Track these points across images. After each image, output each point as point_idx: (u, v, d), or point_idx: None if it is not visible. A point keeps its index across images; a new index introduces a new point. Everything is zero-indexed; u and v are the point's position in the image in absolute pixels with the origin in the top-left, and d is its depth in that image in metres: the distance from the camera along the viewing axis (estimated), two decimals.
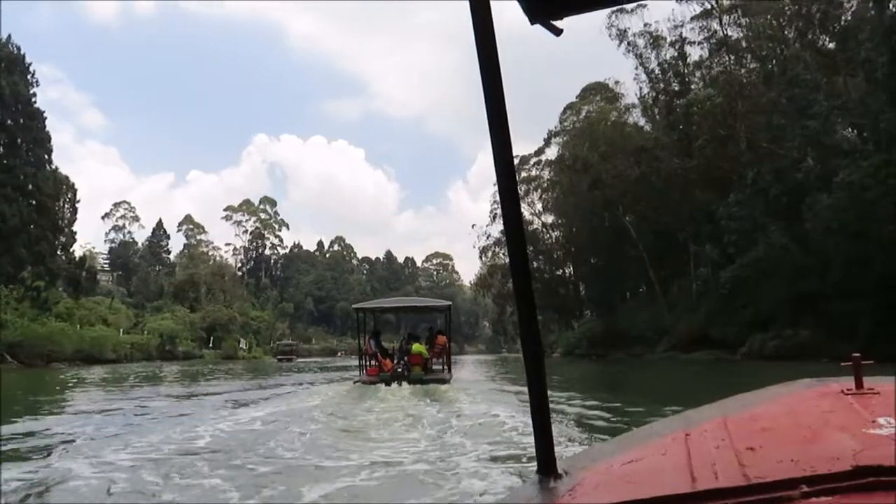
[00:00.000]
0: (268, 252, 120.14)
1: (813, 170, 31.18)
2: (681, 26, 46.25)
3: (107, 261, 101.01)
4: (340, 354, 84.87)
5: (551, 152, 63.11)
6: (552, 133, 61.36)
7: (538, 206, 68.54)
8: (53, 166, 56.55)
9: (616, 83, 54.88)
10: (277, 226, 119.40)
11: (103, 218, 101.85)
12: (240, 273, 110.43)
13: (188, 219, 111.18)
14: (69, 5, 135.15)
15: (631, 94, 53.31)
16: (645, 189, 44.52)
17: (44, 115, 54.31)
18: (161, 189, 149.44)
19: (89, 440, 8.02)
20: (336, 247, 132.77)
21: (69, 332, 41.31)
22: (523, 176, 67.82)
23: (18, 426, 9.32)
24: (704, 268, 40.26)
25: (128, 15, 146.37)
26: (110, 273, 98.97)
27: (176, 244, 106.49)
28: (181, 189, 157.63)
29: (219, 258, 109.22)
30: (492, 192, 71.57)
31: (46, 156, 55.16)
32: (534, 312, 1.32)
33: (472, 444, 7.32)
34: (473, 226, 72.30)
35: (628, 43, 47.71)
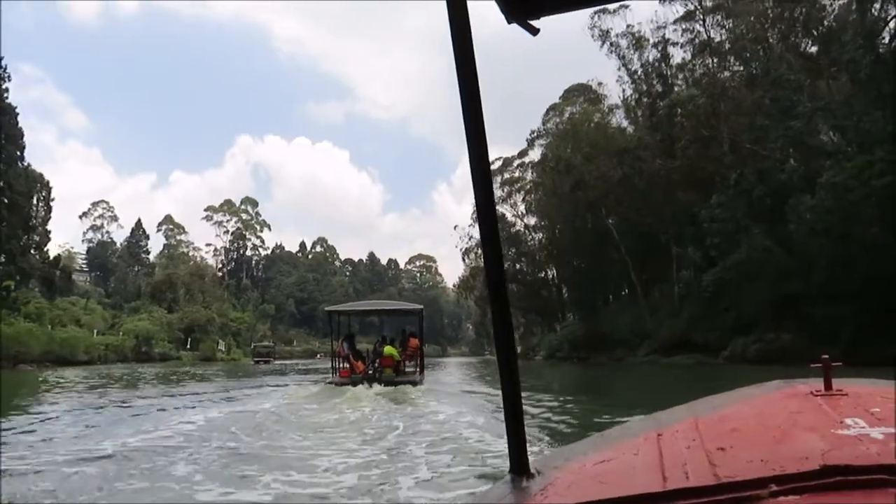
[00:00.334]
0: (249, 253, 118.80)
1: (796, 171, 30.89)
2: (664, 28, 46.08)
3: (85, 261, 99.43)
4: (320, 356, 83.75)
5: (535, 154, 62.82)
6: (535, 133, 60.96)
7: (521, 208, 68.25)
8: (26, 163, 55.38)
9: (599, 84, 54.67)
10: (259, 226, 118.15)
11: (81, 217, 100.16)
12: (220, 274, 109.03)
13: (168, 219, 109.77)
14: (49, 4, 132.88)
15: (614, 96, 53.13)
16: (628, 190, 44.13)
17: (16, 111, 53.16)
18: (143, 190, 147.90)
19: None
20: (319, 248, 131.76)
21: (37, 333, 40.14)
22: (506, 177, 67.42)
23: None
24: (687, 270, 39.84)
25: (109, 15, 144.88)
26: (88, 273, 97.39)
27: (156, 245, 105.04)
28: (163, 190, 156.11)
29: (199, 259, 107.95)
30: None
31: (18, 152, 53.92)
32: (507, 315, 1.33)
33: (430, 446, 7.17)
34: (456, 227, 71.85)
35: (611, 44, 47.43)
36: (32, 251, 61.75)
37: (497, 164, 68.90)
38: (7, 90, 52.94)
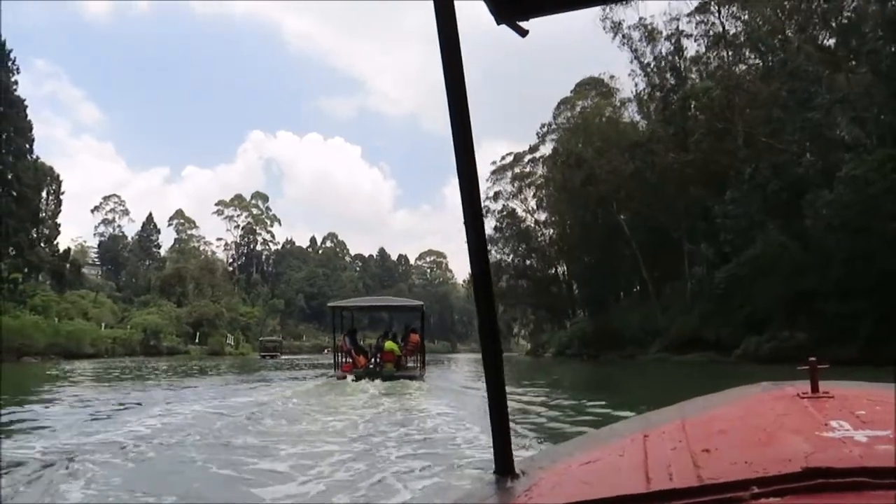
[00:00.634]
0: (259, 248, 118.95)
1: (813, 165, 30.02)
2: (677, 19, 45.12)
3: (97, 255, 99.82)
4: (327, 351, 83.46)
5: (546, 149, 62.06)
6: (546, 127, 60.10)
7: (532, 204, 67.53)
8: (35, 156, 55.23)
9: (611, 78, 53.77)
10: (269, 221, 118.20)
11: (93, 211, 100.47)
12: (230, 269, 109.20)
13: (179, 213, 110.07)
14: (62, 4, 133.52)
15: (626, 90, 52.22)
16: (639, 185, 43.31)
17: (24, 104, 52.99)
18: (156, 184, 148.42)
19: None
20: (329, 243, 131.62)
21: (43, 326, 39.96)
22: (516, 172, 66.78)
23: None
24: (699, 267, 39.05)
25: (122, 11, 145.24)
26: (100, 267, 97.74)
27: (167, 239, 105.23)
28: (176, 184, 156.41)
29: (209, 253, 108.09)
30: (484, 189, 70.44)
31: (27, 145, 53.81)
32: (493, 315, 1.33)
33: (416, 442, 7.10)
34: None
35: (623, 36, 46.48)
36: (42, 244, 61.85)
37: (508, 160, 68.45)
38: (16, 83, 52.97)
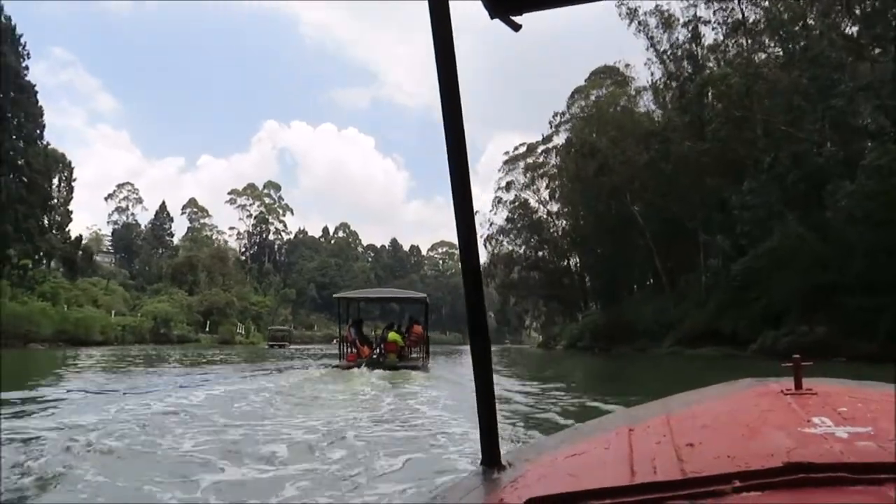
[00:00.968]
0: (272, 237, 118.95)
1: (835, 154, 29.02)
2: (695, 6, 43.93)
3: (111, 243, 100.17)
4: (335, 341, 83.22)
5: (559, 140, 61.12)
6: (559, 116, 59.11)
7: (544, 195, 66.70)
8: (45, 142, 55.07)
9: (626, 66, 52.71)
10: (282, 210, 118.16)
11: (106, 199, 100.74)
12: (243, 258, 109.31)
13: (192, 202, 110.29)
14: None
15: (642, 79, 51.15)
16: (654, 175, 42.32)
17: (35, 89, 52.78)
18: (171, 173, 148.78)
19: None
20: (341, 233, 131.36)
21: (50, 313, 39.77)
22: (529, 163, 65.95)
23: None
24: (715, 259, 38.12)
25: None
26: (113, 255, 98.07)
27: (180, 228, 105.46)
28: (191, 174, 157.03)
29: (222, 242, 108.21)
30: (496, 180, 69.77)
31: (38, 131, 53.64)
32: (482, 307, 1.34)
33: (408, 431, 7.12)
34: (476, 212, 70.03)
35: (639, 22, 45.42)
36: (53, 231, 61.88)
37: (521, 150, 67.62)
38: (27, 69, 52.81)
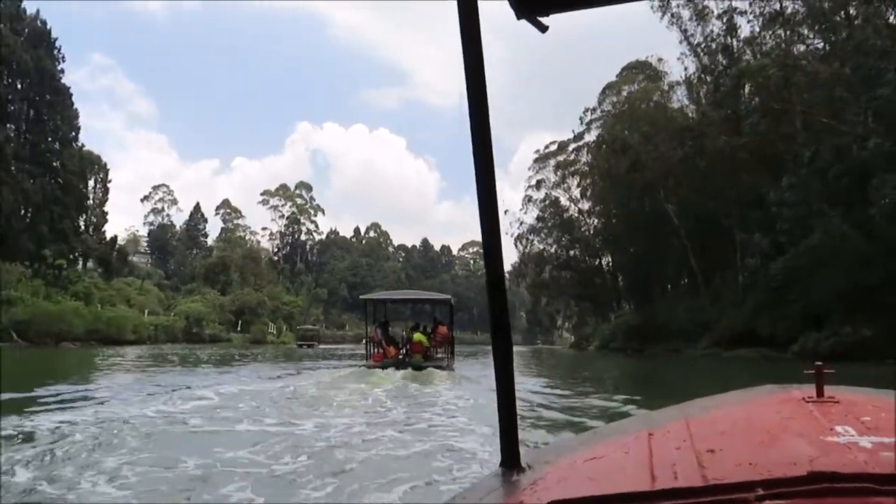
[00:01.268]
0: (304, 237, 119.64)
1: (880, 147, 27.66)
2: None
3: (148, 244, 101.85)
4: (364, 342, 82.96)
5: (590, 137, 59.95)
6: (590, 112, 57.85)
7: (575, 192, 65.58)
8: (80, 144, 55.91)
9: (659, 61, 51.45)
10: (313, 211, 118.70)
11: (142, 201, 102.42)
12: (275, 258, 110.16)
13: (226, 203, 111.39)
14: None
15: (675, 73, 49.82)
16: (688, 171, 41.10)
17: (70, 92, 53.64)
18: (206, 175, 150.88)
19: None
20: (372, 233, 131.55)
21: (82, 312, 40.18)
22: (560, 160, 64.91)
23: None
24: (752, 257, 36.82)
25: (175, 6, 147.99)
26: (150, 255, 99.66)
27: (214, 228, 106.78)
28: (225, 175, 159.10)
29: (254, 242, 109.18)
30: (526, 178, 68.89)
31: (73, 133, 54.50)
32: (505, 309, 1.33)
33: (426, 432, 7.11)
34: (506, 212, 69.65)
35: (672, 15, 44.18)
36: (90, 232, 62.88)
37: (552, 148, 66.62)
38: (62, 71, 53.67)
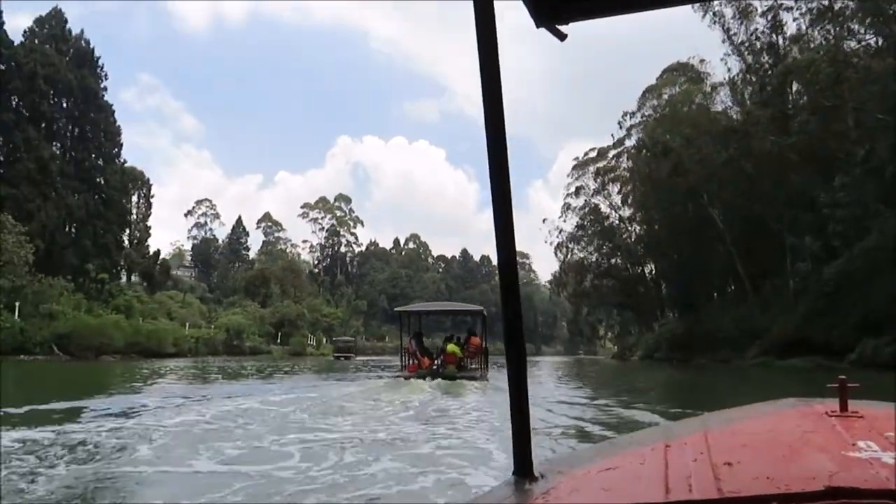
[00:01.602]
0: (343, 249, 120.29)
1: None
2: None
3: (192, 258, 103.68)
4: (399, 353, 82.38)
5: (630, 142, 58.63)
6: (629, 116, 56.55)
7: (616, 199, 64.24)
8: (122, 160, 56.93)
9: (701, 62, 49.98)
10: (353, 223, 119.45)
11: (186, 215, 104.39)
12: (316, 270, 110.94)
13: (267, 216, 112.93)
14: (161, 14, 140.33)
15: (717, 75, 48.29)
16: (733, 174, 39.54)
17: (112, 109, 54.68)
18: (250, 189, 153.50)
19: None
20: (412, 245, 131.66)
21: (122, 325, 40.55)
22: (599, 167, 63.69)
23: None
24: (803, 262, 35.18)
25: (218, 23, 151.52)
26: (193, 269, 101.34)
27: (256, 242, 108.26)
28: (268, 190, 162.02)
29: (295, 255, 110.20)
30: (565, 186, 67.81)
31: (116, 149, 55.53)
32: (518, 317, 1.32)
33: (448, 439, 7.17)
34: (545, 220, 68.62)
35: (714, 14, 42.84)
36: (133, 246, 64.05)
37: (592, 155, 65.45)
38: (105, 89, 54.80)
